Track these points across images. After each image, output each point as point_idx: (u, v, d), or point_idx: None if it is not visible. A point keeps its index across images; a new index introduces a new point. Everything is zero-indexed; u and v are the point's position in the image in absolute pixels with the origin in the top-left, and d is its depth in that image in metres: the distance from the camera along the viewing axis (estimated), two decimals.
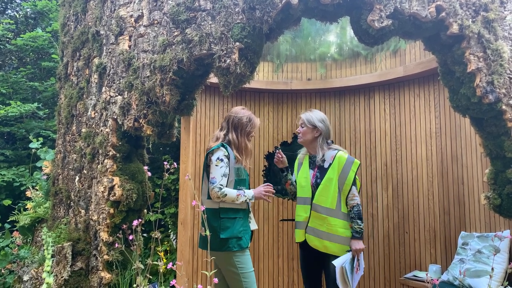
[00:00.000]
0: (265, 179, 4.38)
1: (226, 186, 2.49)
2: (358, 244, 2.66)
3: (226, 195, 2.44)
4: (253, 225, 2.65)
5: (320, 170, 2.78)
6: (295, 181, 2.92)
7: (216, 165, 2.49)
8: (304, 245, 2.81)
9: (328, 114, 4.44)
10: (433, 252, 3.77)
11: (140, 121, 2.64)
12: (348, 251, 2.68)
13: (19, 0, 7.36)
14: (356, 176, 2.76)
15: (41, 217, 3.55)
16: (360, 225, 2.67)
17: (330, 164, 2.74)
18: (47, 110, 6.00)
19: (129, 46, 2.77)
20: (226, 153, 2.53)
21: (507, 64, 2.31)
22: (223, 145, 2.55)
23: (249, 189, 2.64)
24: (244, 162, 2.65)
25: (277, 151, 2.86)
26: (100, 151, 2.85)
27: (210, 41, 2.37)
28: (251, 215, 2.68)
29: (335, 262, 2.60)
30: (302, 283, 3.12)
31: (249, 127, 2.63)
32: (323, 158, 2.79)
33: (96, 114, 2.96)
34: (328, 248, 2.67)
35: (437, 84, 3.81)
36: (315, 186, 2.76)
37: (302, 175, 2.86)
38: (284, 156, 2.86)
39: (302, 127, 2.84)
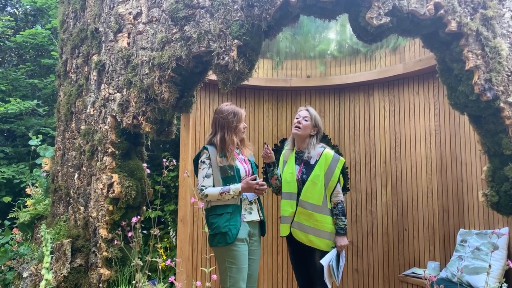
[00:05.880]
0: (264, 176, 4.38)
1: (214, 185, 2.59)
2: (343, 240, 2.75)
3: (207, 195, 2.55)
4: (254, 216, 2.67)
5: (306, 167, 2.84)
6: (280, 176, 2.97)
7: (200, 168, 2.64)
8: (290, 239, 2.87)
9: (328, 111, 4.44)
10: (432, 249, 3.78)
11: (139, 118, 2.65)
12: (333, 247, 2.75)
13: None
14: (341, 174, 2.83)
15: (40, 214, 3.57)
16: (344, 221, 2.75)
17: (316, 161, 2.81)
18: (46, 107, 6.00)
19: (128, 43, 2.77)
20: (207, 154, 2.63)
21: (505, 61, 2.30)
22: (205, 147, 2.66)
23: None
24: (232, 159, 2.66)
25: (266, 146, 2.92)
26: (99, 148, 2.85)
27: (209, 39, 2.37)
28: (253, 206, 2.69)
29: (323, 261, 2.66)
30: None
31: (234, 122, 2.68)
32: (310, 155, 2.84)
33: (95, 111, 2.96)
34: (313, 242, 2.74)
35: (436, 82, 3.81)
36: (300, 182, 2.81)
37: (288, 171, 2.90)
38: (272, 151, 2.92)
39: (306, 121, 2.87)
